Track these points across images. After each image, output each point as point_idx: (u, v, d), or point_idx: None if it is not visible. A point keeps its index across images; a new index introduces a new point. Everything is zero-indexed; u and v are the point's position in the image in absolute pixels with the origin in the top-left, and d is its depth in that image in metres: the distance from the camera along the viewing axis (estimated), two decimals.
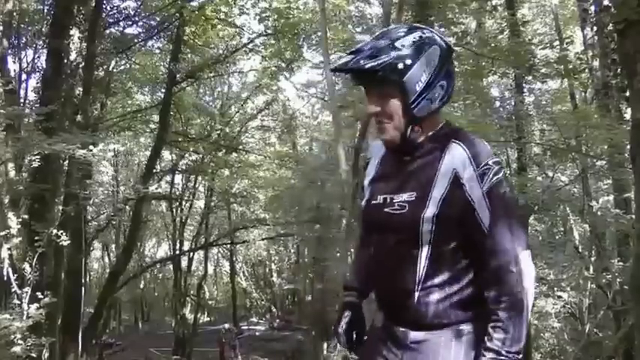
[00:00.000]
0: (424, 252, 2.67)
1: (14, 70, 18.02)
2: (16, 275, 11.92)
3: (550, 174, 17.84)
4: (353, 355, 3.24)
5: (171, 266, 38.13)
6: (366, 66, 2.60)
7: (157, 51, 24.43)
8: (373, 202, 2.87)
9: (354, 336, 3.10)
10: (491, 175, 2.61)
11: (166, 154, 28.90)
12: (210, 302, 50.88)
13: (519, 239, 2.62)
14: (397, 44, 2.64)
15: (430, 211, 2.64)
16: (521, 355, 2.62)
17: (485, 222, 2.60)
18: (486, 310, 2.64)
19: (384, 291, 2.92)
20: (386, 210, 2.78)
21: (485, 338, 2.60)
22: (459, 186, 2.62)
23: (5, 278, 11.86)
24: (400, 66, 2.61)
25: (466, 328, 2.71)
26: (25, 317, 11.28)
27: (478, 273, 2.72)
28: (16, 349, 10.91)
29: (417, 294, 2.70)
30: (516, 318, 2.57)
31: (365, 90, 2.81)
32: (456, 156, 2.65)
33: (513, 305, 2.57)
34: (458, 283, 2.71)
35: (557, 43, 18.16)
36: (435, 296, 2.70)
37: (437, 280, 2.69)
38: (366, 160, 3.14)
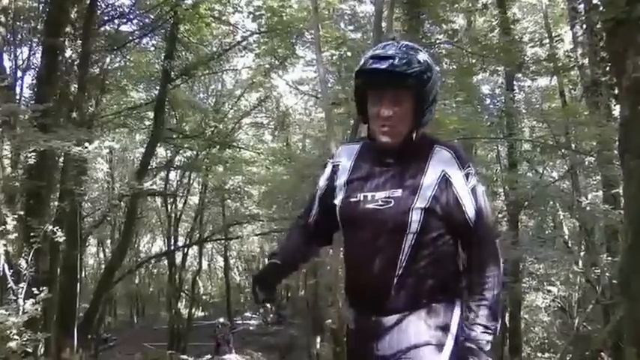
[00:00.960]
0: (408, 241, 2.90)
1: (10, 67, 18.05)
2: (11, 271, 11.86)
3: (540, 170, 18.03)
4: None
5: (166, 262, 38.02)
6: (408, 71, 2.90)
7: (152, 48, 24.39)
8: (352, 199, 3.05)
9: (264, 288, 3.24)
10: (472, 176, 2.96)
11: (161, 151, 28.95)
12: (204, 297, 50.94)
13: (495, 231, 3.07)
14: (420, 58, 2.96)
15: (419, 204, 2.90)
16: (498, 327, 2.97)
17: (471, 217, 2.93)
18: (462, 291, 2.99)
19: (362, 280, 3.07)
20: (368, 206, 2.99)
21: (472, 315, 2.90)
22: (449, 185, 2.93)
23: (1, 274, 11.84)
24: (426, 76, 2.95)
25: (436, 305, 2.96)
26: (20, 313, 11.19)
27: (457, 257, 3.05)
28: (12, 344, 10.85)
29: (395, 279, 2.92)
30: (497, 297, 2.92)
31: (375, 94, 3.01)
32: (443, 158, 2.98)
33: (495, 286, 2.90)
34: (434, 268, 2.96)
35: (546, 41, 18.29)
36: (413, 281, 2.93)
37: (416, 267, 2.92)
38: (334, 162, 3.31)
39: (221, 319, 30.68)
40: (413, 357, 2.92)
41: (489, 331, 2.87)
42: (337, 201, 3.15)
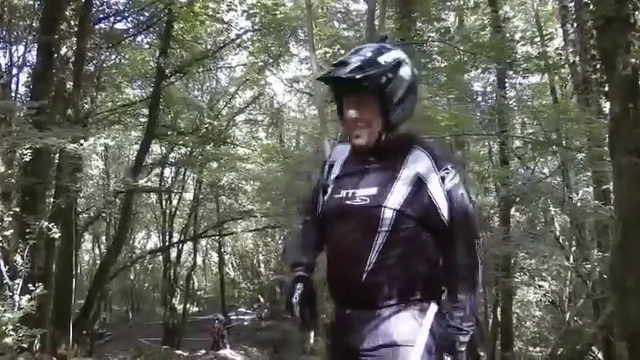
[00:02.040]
0: (380, 238, 3.00)
1: (5, 65, 18.13)
2: (7, 267, 11.96)
3: (531, 166, 18.08)
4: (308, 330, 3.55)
5: (160, 257, 38.20)
6: (357, 76, 2.96)
7: (147, 46, 24.43)
8: (335, 196, 3.20)
9: (307, 308, 3.38)
10: (451, 177, 3.01)
11: (156, 148, 29.04)
12: (199, 293, 50.99)
13: (474, 231, 3.05)
14: (379, 60, 3.04)
15: (392, 202, 2.99)
16: (474, 327, 3.02)
17: (446, 218, 2.99)
18: (438, 290, 3.09)
19: (338, 273, 3.20)
20: (347, 202, 3.11)
21: (447, 316, 2.99)
22: (422, 186, 3.00)
23: None
24: (383, 79, 3.01)
25: (410, 302, 3.03)
26: (16, 308, 11.29)
27: (432, 257, 3.10)
28: (8, 340, 10.94)
29: (365, 274, 3.00)
30: (472, 299, 2.98)
31: (343, 99, 3.15)
32: (419, 161, 3.05)
33: (470, 289, 2.97)
34: (406, 266, 3.03)
35: (537, 39, 18.36)
36: (383, 277, 3.01)
37: (386, 263, 3.00)
38: (329, 162, 3.42)
39: (219, 315, 30.83)
40: (383, 352, 2.99)
41: (463, 332, 2.94)
42: (325, 197, 3.29)
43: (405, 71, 3.09)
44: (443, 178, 3.01)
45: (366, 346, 3.02)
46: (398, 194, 3.00)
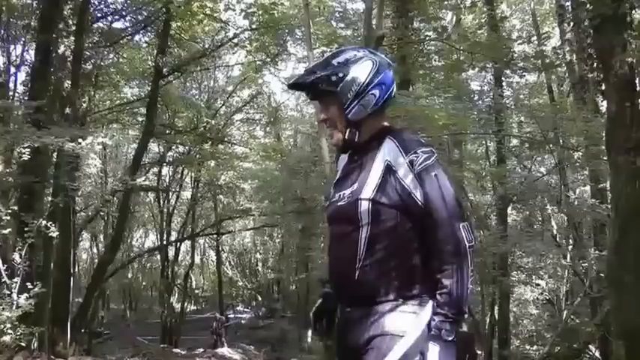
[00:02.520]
0: (363, 233, 3.00)
1: (3, 64, 18.15)
2: (5, 266, 11.97)
3: (528, 165, 18.12)
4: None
5: (158, 256, 38.13)
6: (307, 80, 3.13)
7: (144, 45, 24.47)
8: (332, 199, 3.24)
9: (323, 322, 3.45)
10: (420, 161, 2.96)
11: (154, 147, 29.10)
12: (196, 291, 51.04)
13: (455, 214, 2.94)
14: (333, 61, 3.12)
15: (365, 195, 3.00)
16: (465, 315, 3.02)
17: (421, 200, 2.93)
18: (430, 282, 2.96)
19: (334, 274, 3.23)
20: (338, 204, 3.15)
21: (435, 303, 2.89)
22: (392, 173, 3.00)
23: None
24: (333, 78, 3.07)
25: (403, 298, 2.99)
26: (14, 307, 11.34)
27: (421, 248, 3.03)
28: (6, 338, 11.00)
29: (357, 272, 3.00)
30: (458, 284, 2.86)
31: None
32: (388, 148, 3.06)
33: (454, 272, 2.87)
34: (394, 260, 3.01)
35: (534, 38, 18.40)
36: (375, 273, 3.00)
37: (375, 259, 2.99)
38: (337, 169, 3.50)
39: (217, 315, 30.91)
40: (374, 342, 2.96)
41: (449, 319, 2.84)
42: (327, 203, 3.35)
43: (360, 68, 3.11)
44: (412, 162, 2.98)
45: (362, 341, 3.01)
46: (371, 185, 3.02)
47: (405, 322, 2.94)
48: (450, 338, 2.82)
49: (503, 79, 18.27)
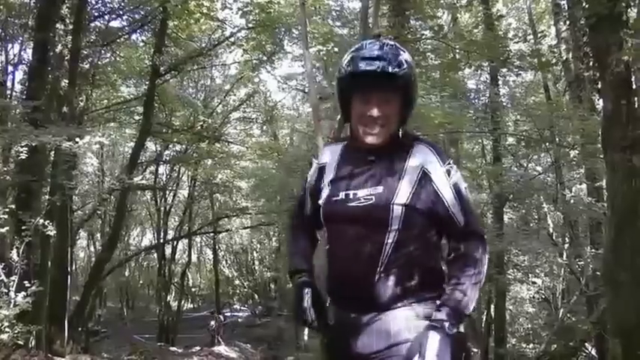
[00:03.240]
0: (390, 237, 2.90)
1: (1, 63, 18.13)
2: (3, 264, 11.90)
3: (524, 164, 18.15)
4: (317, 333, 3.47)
5: (155, 255, 38.20)
6: (399, 73, 2.95)
7: (141, 44, 24.39)
8: (334, 198, 3.09)
9: (318, 313, 3.22)
10: (454, 172, 2.97)
11: (151, 145, 29.03)
12: (193, 290, 51.00)
13: (480, 225, 3.02)
14: (400, 58, 2.99)
15: (400, 199, 2.90)
16: (467, 318, 2.99)
17: (454, 211, 2.93)
18: (443, 284, 2.96)
19: (343, 278, 3.09)
20: (351, 204, 3.00)
21: (443, 297, 2.88)
22: (429, 180, 2.94)
23: None
24: (413, 77, 3.04)
25: (421, 303, 2.93)
26: (12, 305, 11.30)
27: (441, 253, 3.07)
28: (4, 336, 10.96)
29: (377, 277, 2.91)
30: (475, 287, 2.89)
31: (358, 95, 3.05)
32: (423, 155, 3.00)
33: (476, 276, 2.89)
34: (417, 266, 2.96)
35: (531, 37, 18.43)
36: (395, 278, 2.92)
37: (398, 264, 2.92)
38: (319, 164, 3.34)
39: (216, 313, 30.96)
40: (395, 350, 2.89)
41: (456, 316, 2.84)
42: (321, 201, 3.20)
43: (414, 68, 3.08)
44: (448, 172, 2.96)
45: (371, 350, 2.94)
46: (405, 189, 2.93)
47: (422, 330, 2.86)
48: (452, 332, 2.80)
49: (499, 77, 18.31)
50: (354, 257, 3.00)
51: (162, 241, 34.77)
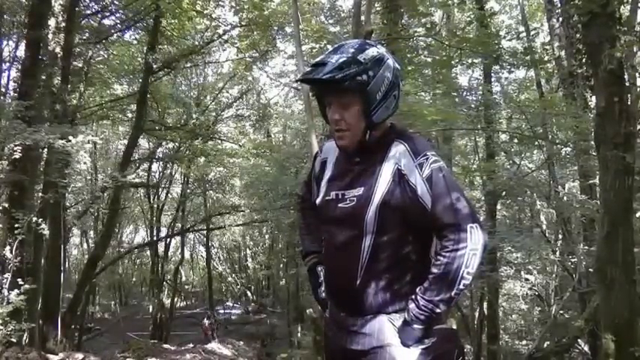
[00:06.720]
0: (367, 241, 2.91)
1: None
2: None
3: (517, 161, 18.14)
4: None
5: (148, 252, 38.27)
6: (337, 77, 2.83)
7: (135, 42, 24.41)
8: (327, 198, 3.13)
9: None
10: (429, 164, 2.88)
11: (144, 143, 29.12)
12: (186, 287, 51.12)
13: (463, 215, 2.83)
14: (359, 58, 2.89)
15: (375, 201, 2.90)
16: (439, 310, 2.83)
17: (428, 204, 2.83)
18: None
19: (332, 279, 3.18)
20: (339, 205, 3.04)
21: (417, 289, 2.84)
22: (401, 176, 2.90)
23: None
24: (364, 77, 2.87)
25: (400, 311, 2.92)
26: (5, 303, 11.32)
27: (423, 259, 2.98)
28: None
29: (358, 280, 2.94)
30: (444, 281, 2.79)
31: (325, 99, 3.04)
32: (397, 151, 2.96)
33: (447, 267, 2.78)
34: (398, 272, 2.95)
35: (523, 34, 18.44)
36: (377, 283, 2.93)
37: (378, 268, 2.93)
38: (322, 158, 3.35)
39: (209, 311, 31.03)
40: (375, 354, 2.92)
41: (433, 306, 2.81)
42: (318, 200, 3.23)
43: (387, 68, 2.97)
44: (421, 165, 2.88)
45: (359, 348, 2.99)
46: (380, 191, 2.92)
47: (396, 335, 2.89)
48: (418, 326, 2.83)
49: (492, 74, 18.33)
50: (338, 261, 3.07)
51: (155, 238, 34.83)
